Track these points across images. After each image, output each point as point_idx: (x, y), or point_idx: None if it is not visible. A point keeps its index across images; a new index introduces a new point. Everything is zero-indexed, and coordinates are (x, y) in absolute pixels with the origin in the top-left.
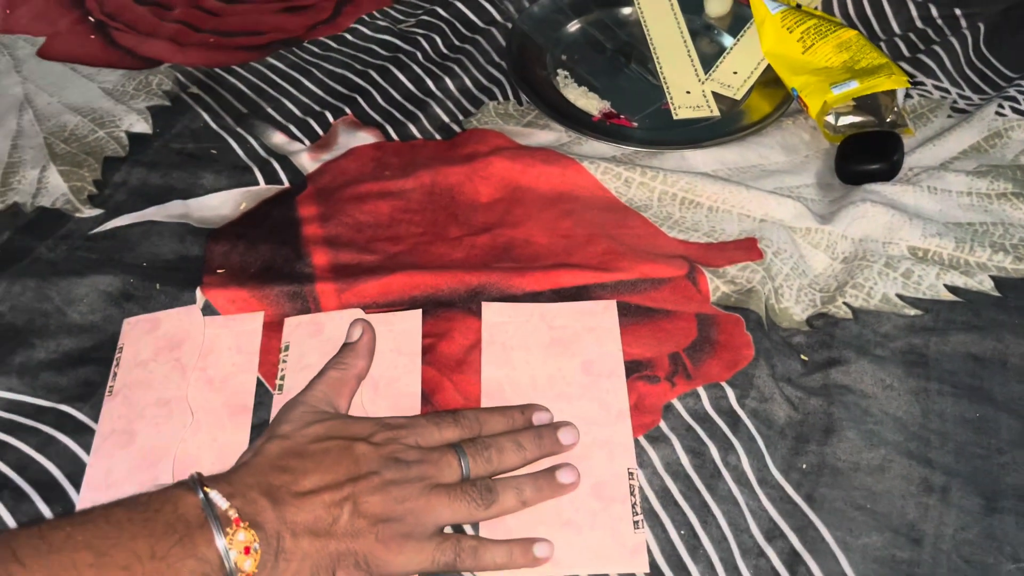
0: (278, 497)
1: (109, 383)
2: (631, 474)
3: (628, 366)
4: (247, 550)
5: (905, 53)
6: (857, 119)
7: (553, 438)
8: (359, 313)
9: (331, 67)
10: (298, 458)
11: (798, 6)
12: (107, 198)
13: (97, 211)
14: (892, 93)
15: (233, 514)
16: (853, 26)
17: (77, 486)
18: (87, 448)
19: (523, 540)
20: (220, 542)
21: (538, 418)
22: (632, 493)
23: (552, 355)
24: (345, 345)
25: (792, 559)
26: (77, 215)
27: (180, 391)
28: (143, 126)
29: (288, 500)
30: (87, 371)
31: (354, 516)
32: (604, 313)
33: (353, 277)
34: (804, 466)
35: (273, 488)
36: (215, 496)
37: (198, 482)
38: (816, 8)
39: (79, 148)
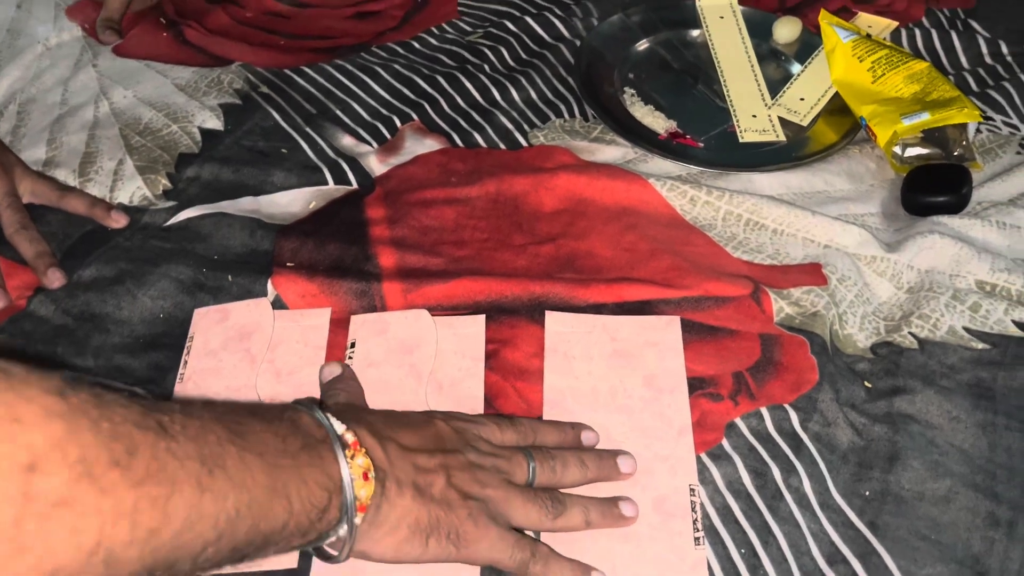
0: (384, 440)
1: (180, 370)
2: (692, 490)
3: (691, 383)
4: (365, 475)
5: (974, 88)
6: (924, 151)
7: (613, 463)
8: (424, 314)
9: (399, 71)
10: (388, 417)
11: (868, 36)
12: (180, 192)
13: (171, 203)
14: (961, 127)
15: (351, 438)
16: (921, 59)
17: None
18: None
19: (586, 565)
20: (342, 460)
21: (585, 437)
22: (693, 509)
23: (614, 367)
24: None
25: None
26: (152, 208)
27: (249, 381)
28: (215, 123)
29: (393, 447)
30: (158, 356)
31: (447, 486)
32: (667, 328)
33: (419, 279)
34: (867, 492)
35: (379, 431)
36: (333, 419)
37: (316, 403)
38: (885, 39)
39: (154, 142)
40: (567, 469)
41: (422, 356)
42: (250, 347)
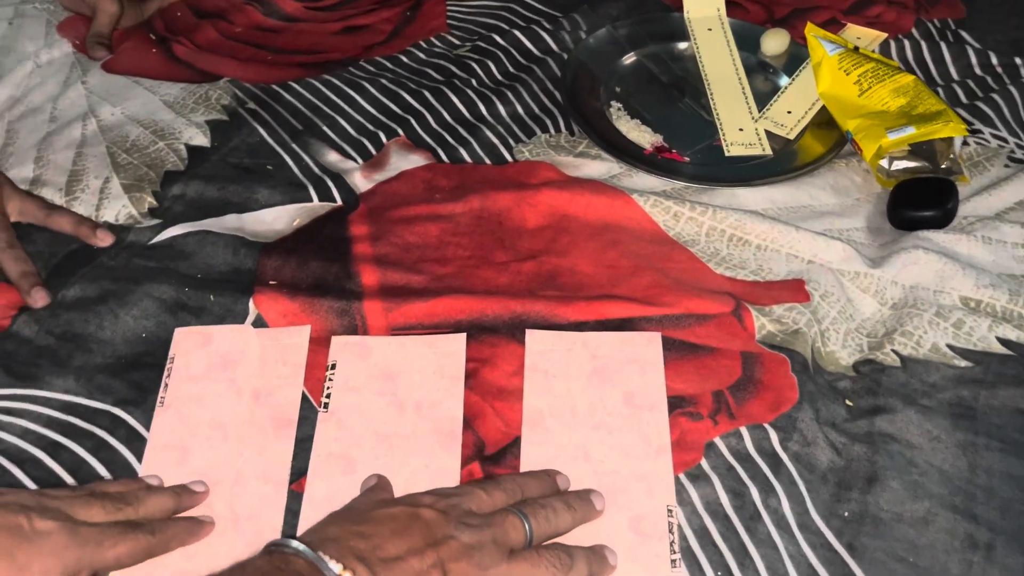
0: (370, 563)
1: (160, 393)
2: (670, 511)
3: (670, 401)
4: None
5: (963, 100)
6: (911, 164)
7: (590, 503)
8: (407, 340)
9: (385, 86)
10: (369, 524)
11: (856, 49)
12: (165, 210)
13: (156, 221)
14: (949, 140)
15: None
16: (911, 71)
17: None
18: (138, 455)
19: None
20: None
21: (560, 481)
22: (671, 531)
23: (593, 384)
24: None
25: None
26: (137, 226)
27: (234, 413)
28: (202, 139)
29: (379, 567)
30: (139, 375)
31: None
32: (648, 345)
33: (401, 297)
34: (846, 513)
35: (362, 554)
36: (331, 562)
37: (310, 546)
38: (874, 52)
39: (140, 159)
40: (559, 516)
41: (404, 385)
42: (236, 377)
